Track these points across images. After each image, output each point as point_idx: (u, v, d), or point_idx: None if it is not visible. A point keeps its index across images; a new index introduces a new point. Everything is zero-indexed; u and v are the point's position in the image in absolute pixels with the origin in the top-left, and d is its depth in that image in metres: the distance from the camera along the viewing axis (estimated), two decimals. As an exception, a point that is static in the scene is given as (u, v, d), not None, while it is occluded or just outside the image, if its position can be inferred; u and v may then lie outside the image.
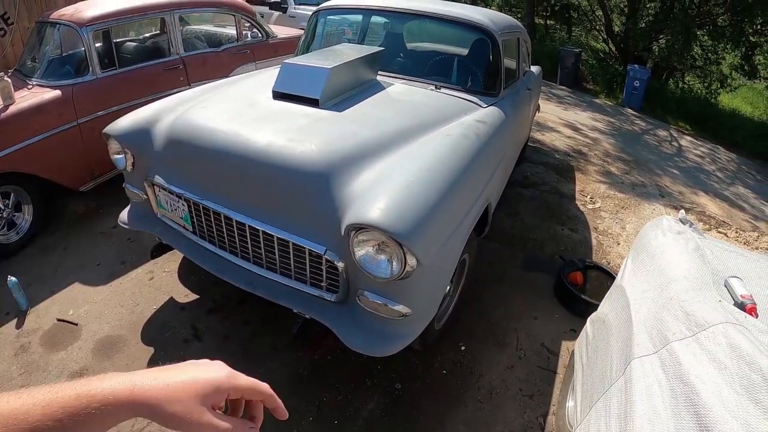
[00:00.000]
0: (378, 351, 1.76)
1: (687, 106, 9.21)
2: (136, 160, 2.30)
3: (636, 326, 1.52)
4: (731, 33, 9.18)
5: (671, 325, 1.37)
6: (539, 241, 3.68)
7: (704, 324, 1.28)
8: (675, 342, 1.30)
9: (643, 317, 1.54)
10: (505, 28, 3.12)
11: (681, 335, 1.31)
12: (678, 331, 1.33)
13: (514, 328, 2.71)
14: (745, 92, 13.05)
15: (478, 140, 2.21)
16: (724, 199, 5.39)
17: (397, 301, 1.71)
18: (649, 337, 1.42)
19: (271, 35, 4.58)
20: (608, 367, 1.59)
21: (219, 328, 2.48)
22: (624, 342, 1.55)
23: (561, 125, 6.96)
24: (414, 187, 1.69)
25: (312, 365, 2.31)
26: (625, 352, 1.49)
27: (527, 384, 2.36)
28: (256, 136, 1.91)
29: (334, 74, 2.26)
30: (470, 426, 2.10)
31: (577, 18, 13.01)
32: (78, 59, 3.21)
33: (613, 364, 1.56)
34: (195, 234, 2.22)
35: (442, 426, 2.09)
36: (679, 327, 1.34)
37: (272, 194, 1.84)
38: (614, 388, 1.45)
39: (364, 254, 1.62)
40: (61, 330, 2.45)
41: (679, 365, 1.22)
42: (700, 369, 1.16)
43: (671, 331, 1.35)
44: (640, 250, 2.04)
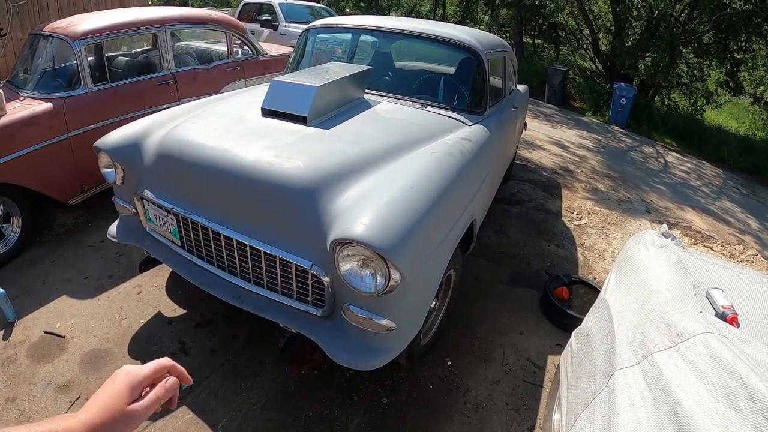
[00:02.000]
0: (363, 365, 1.78)
1: (673, 123, 9.39)
2: (126, 174, 2.33)
3: (619, 338, 1.54)
4: (716, 50, 9.43)
5: (653, 337, 1.39)
6: (526, 257, 3.73)
7: (685, 334, 1.30)
8: (657, 353, 1.32)
9: (625, 329, 1.56)
10: (491, 48, 3.20)
11: (663, 346, 1.33)
12: (660, 342, 1.35)
13: (500, 343, 2.73)
14: (730, 108, 13.33)
15: (462, 157, 2.26)
16: (710, 214, 5.48)
17: (382, 315, 1.73)
18: (632, 349, 1.44)
19: (262, 53, 4.65)
20: (592, 380, 1.61)
21: (206, 342, 2.49)
22: (607, 354, 1.57)
23: (548, 143, 7.07)
24: (398, 203, 1.73)
25: (299, 380, 2.31)
26: (608, 364, 1.51)
27: (513, 398, 2.38)
28: (244, 152, 1.95)
29: (322, 92, 2.31)
30: (457, 440, 2.12)
31: (565, 37, 13.30)
32: (70, 72, 3.24)
33: (596, 376, 1.58)
34: (183, 248, 2.24)
35: (428, 440, 2.10)
36: (660, 338, 1.37)
37: (259, 210, 1.87)
38: (598, 399, 1.47)
39: (349, 269, 1.66)
40: (48, 342, 2.45)
41: (661, 375, 1.24)
42: (682, 379, 1.18)
43: (653, 342, 1.37)
44: (624, 264, 2.06)
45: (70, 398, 2.14)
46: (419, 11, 17.87)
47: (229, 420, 2.08)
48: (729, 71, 9.96)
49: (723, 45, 9.38)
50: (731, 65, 9.82)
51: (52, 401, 2.13)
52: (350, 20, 3.37)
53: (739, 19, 8.70)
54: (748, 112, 13.63)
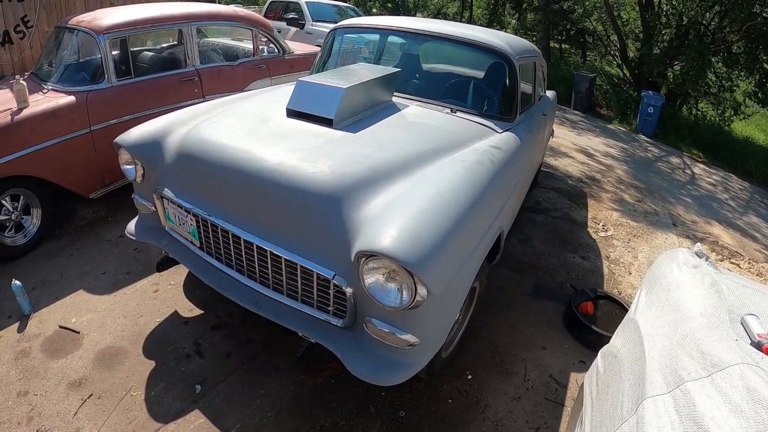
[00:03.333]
0: (383, 380, 1.71)
1: (700, 134, 9.14)
2: (146, 172, 2.29)
3: (649, 363, 1.47)
4: (745, 60, 9.14)
5: (686, 364, 1.34)
6: (550, 268, 3.62)
7: (720, 364, 1.25)
8: (690, 382, 1.27)
9: (657, 354, 1.49)
10: (523, 52, 3.10)
11: (696, 375, 1.28)
12: (693, 370, 1.30)
13: (522, 357, 2.65)
14: (758, 120, 12.95)
15: (492, 167, 2.17)
16: (737, 229, 5.29)
17: (405, 330, 1.66)
18: (663, 376, 1.38)
19: (288, 51, 4.60)
20: (619, 405, 1.53)
21: (222, 345, 2.44)
22: (636, 379, 1.50)
23: (574, 151, 6.92)
24: (426, 215, 1.65)
25: (314, 388, 2.25)
26: (638, 390, 1.44)
27: (534, 416, 2.29)
28: (267, 154, 1.89)
29: (349, 94, 2.24)
30: (475, 460, 2.03)
31: (592, 43, 13.04)
32: (94, 66, 3.23)
33: (624, 401, 1.50)
34: (202, 250, 2.19)
35: (446, 459, 2.02)
36: (694, 366, 1.31)
37: (281, 214, 1.81)
38: (625, 426, 1.39)
39: (373, 282, 1.58)
40: (63, 337, 2.42)
41: (693, 407, 1.19)
42: (715, 412, 1.13)
43: (686, 370, 1.32)
44: (654, 283, 1.99)
45: (82, 395, 2.12)
46: (446, 12, 17.74)
47: (242, 426, 2.03)
48: (758, 82, 9.64)
49: (753, 55, 9.06)
50: (761, 76, 9.50)
51: (64, 397, 2.10)
52: (378, 21, 3.30)
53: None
54: None
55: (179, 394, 2.16)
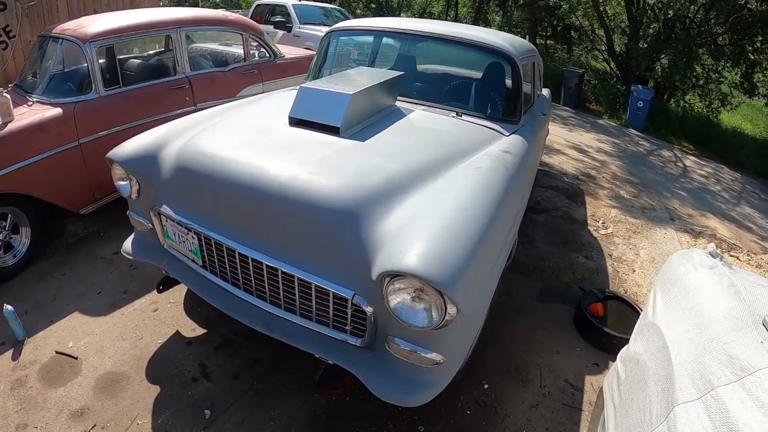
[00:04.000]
0: (408, 401, 1.63)
1: (689, 126, 9.23)
2: (142, 188, 2.16)
3: (677, 369, 1.45)
4: (731, 51, 9.25)
5: (715, 369, 1.33)
6: (555, 269, 3.58)
7: (749, 368, 1.25)
8: (720, 387, 1.26)
9: (684, 360, 1.47)
10: (524, 52, 3.05)
11: (726, 380, 1.27)
12: (722, 375, 1.29)
13: (536, 363, 2.60)
14: (744, 110, 13.13)
15: (506, 172, 2.10)
16: (732, 221, 5.33)
17: (430, 348, 1.58)
18: (692, 382, 1.36)
19: (279, 55, 4.48)
20: (647, 411, 1.50)
21: (228, 365, 2.34)
22: (664, 385, 1.47)
23: (567, 147, 6.91)
24: (452, 231, 1.57)
25: (329, 407, 2.17)
26: (667, 396, 1.41)
27: (553, 423, 2.25)
28: (276, 168, 1.79)
29: (355, 100, 2.15)
30: (499, 474, 1.97)
31: (578, 38, 13.09)
32: (80, 76, 3.09)
33: (652, 408, 1.47)
34: (205, 269, 2.08)
35: (470, 474, 1.95)
36: (723, 371, 1.30)
37: (293, 232, 1.71)
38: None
39: (399, 303, 1.50)
40: (60, 363, 2.30)
41: (726, 412, 1.18)
42: (748, 416, 1.13)
43: (715, 375, 1.31)
44: (671, 286, 1.96)
45: (85, 427, 2.00)
46: (431, 12, 17.69)
47: (256, 454, 1.93)
48: (744, 73, 9.79)
49: (739, 46, 9.21)
50: (747, 66, 9.65)
51: (66, 429, 1.99)
52: (375, 22, 3.21)
53: (756, 20, 8.52)
54: (762, 113, 13.43)
55: (188, 420, 2.05)
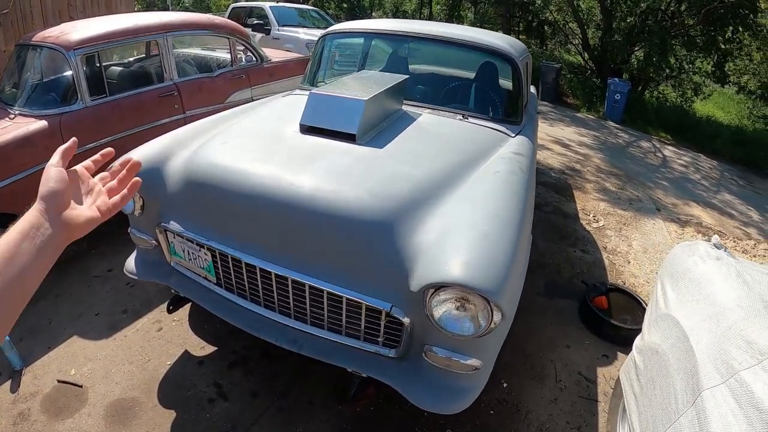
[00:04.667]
0: (451, 408, 1.61)
1: (666, 117, 9.48)
2: (146, 204, 2.05)
3: (699, 357, 1.52)
4: (704, 42, 9.56)
5: (735, 355, 1.40)
6: (556, 265, 3.62)
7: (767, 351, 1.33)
8: (743, 371, 1.33)
9: (704, 348, 1.54)
10: (522, 52, 3.06)
11: (747, 364, 1.34)
12: (743, 360, 1.37)
13: (549, 358, 2.64)
14: (716, 98, 13.62)
15: (523, 175, 2.10)
16: (714, 208, 5.51)
17: (469, 354, 1.56)
18: (715, 368, 1.44)
19: (266, 59, 4.37)
20: (672, 399, 1.57)
21: (245, 383, 2.25)
22: (688, 373, 1.55)
23: (550, 142, 7.01)
24: (490, 238, 1.55)
25: (354, 418, 2.12)
26: (692, 383, 1.49)
27: (572, 416, 2.29)
28: (299, 179, 1.72)
29: (369, 106, 2.10)
30: (531, 469, 1.98)
31: (552, 33, 13.30)
32: (65, 86, 2.92)
33: (677, 395, 1.54)
34: (220, 286, 1.99)
35: (504, 473, 1.95)
36: (743, 356, 1.38)
37: (322, 245, 1.65)
38: (684, 419, 1.45)
39: (444, 313, 1.47)
40: (64, 393, 2.17)
41: (751, 394, 1.25)
42: None
43: (736, 360, 1.38)
44: (680, 278, 2.04)
45: None
46: (404, 11, 17.68)
47: (287, 473, 1.87)
48: (716, 62, 10.14)
49: (710, 37, 9.53)
50: (718, 56, 10.00)
51: (79, 463, 1.88)
52: (371, 24, 3.17)
53: (727, 12, 8.83)
54: (733, 101, 13.94)
55: None
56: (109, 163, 0.78)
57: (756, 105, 12.12)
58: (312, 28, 8.36)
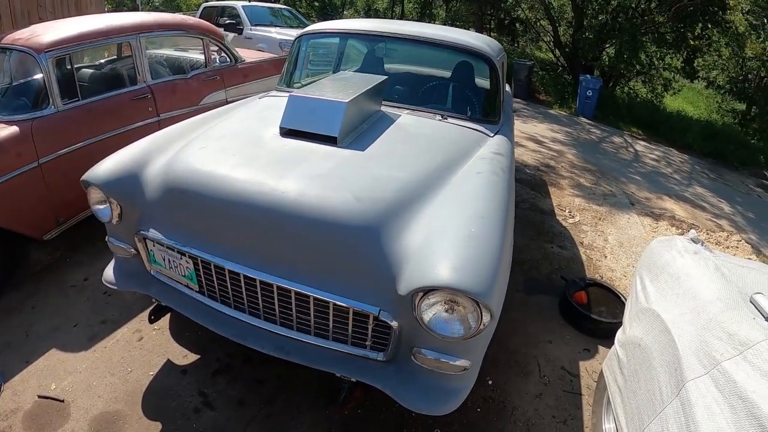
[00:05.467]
0: (442, 409, 1.63)
1: (637, 112, 9.70)
2: (124, 211, 2.00)
3: (682, 349, 1.57)
4: (673, 39, 9.80)
5: (717, 346, 1.45)
6: (534, 261, 3.68)
7: (748, 342, 1.37)
8: (725, 362, 1.38)
9: (686, 340, 1.59)
10: (499, 52, 3.10)
11: (729, 355, 1.39)
12: (724, 351, 1.41)
13: (533, 354, 2.68)
14: (686, 93, 14.01)
15: (504, 175, 2.13)
16: (686, 201, 5.67)
17: (458, 355, 1.59)
18: (698, 359, 1.48)
19: (240, 59, 4.31)
20: (656, 391, 1.62)
21: (230, 391, 2.23)
22: (671, 365, 1.59)
23: (524, 139, 7.11)
24: (477, 240, 1.57)
25: (342, 422, 2.12)
26: (675, 375, 1.54)
27: (558, 410, 2.35)
28: (283, 184, 1.71)
29: (350, 108, 2.09)
30: (520, 466, 2.02)
31: (523, 30, 13.48)
32: (36, 90, 2.82)
33: (661, 387, 1.59)
34: (203, 294, 1.97)
35: (493, 470, 1.98)
36: (724, 347, 1.42)
37: (308, 251, 1.65)
38: (669, 410, 1.49)
39: (434, 316, 1.48)
40: (46, 409, 2.10)
41: (734, 383, 1.30)
42: (756, 384, 1.25)
43: (718, 351, 1.42)
44: (659, 273, 2.10)
45: None
46: (377, 9, 17.66)
47: (278, 481, 1.86)
48: (686, 58, 10.41)
49: (680, 34, 9.78)
50: (688, 53, 10.27)
51: (64, 481, 1.83)
52: (348, 24, 3.16)
53: (696, 9, 9.07)
54: (702, 95, 14.37)
55: None
56: None
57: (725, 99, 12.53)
58: (285, 27, 8.28)
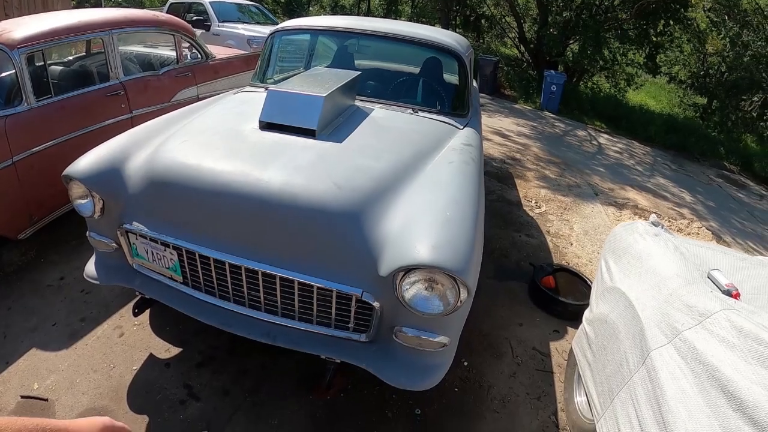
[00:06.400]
0: (423, 384, 1.74)
1: (600, 106, 10.01)
2: (106, 205, 2.02)
3: (645, 322, 1.70)
4: (636, 35, 10.12)
5: (677, 317, 1.58)
6: (503, 249, 3.83)
7: (706, 312, 1.49)
8: (685, 331, 1.50)
9: (649, 314, 1.73)
10: (467, 48, 3.22)
11: (689, 325, 1.51)
12: (685, 321, 1.54)
13: (505, 336, 2.83)
14: (648, 88, 14.46)
15: (474, 164, 2.26)
16: (648, 191, 5.94)
17: (438, 332, 1.69)
18: (660, 330, 1.61)
19: (211, 56, 4.31)
20: (623, 361, 1.76)
21: (215, 382, 2.27)
22: (636, 337, 1.73)
23: (490, 133, 7.29)
24: (453, 222, 1.69)
25: (326, 406, 2.20)
26: (640, 346, 1.67)
27: (531, 387, 2.49)
28: (267, 175, 1.78)
29: (327, 102, 2.17)
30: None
31: (489, 26, 13.74)
32: (7, 87, 2.78)
33: (628, 358, 1.73)
34: (187, 285, 2.01)
35: (471, 443, 2.11)
36: (684, 318, 1.55)
37: (292, 238, 1.72)
38: (636, 377, 1.63)
39: (414, 294, 1.59)
40: (29, 409, 2.09)
41: (695, 350, 1.42)
42: (715, 350, 1.37)
43: (679, 322, 1.55)
44: (622, 254, 2.25)
45: None
46: (343, 5, 17.66)
47: (267, 463, 1.93)
48: (648, 54, 10.76)
49: (643, 30, 10.11)
50: (650, 48, 10.62)
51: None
52: (322, 21, 3.22)
53: (658, 7, 9.41)
54: (665, 90, 14.90)
55: None
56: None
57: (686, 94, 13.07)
58: (252, 23, 8.23)
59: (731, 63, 10.51)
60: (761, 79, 10.01)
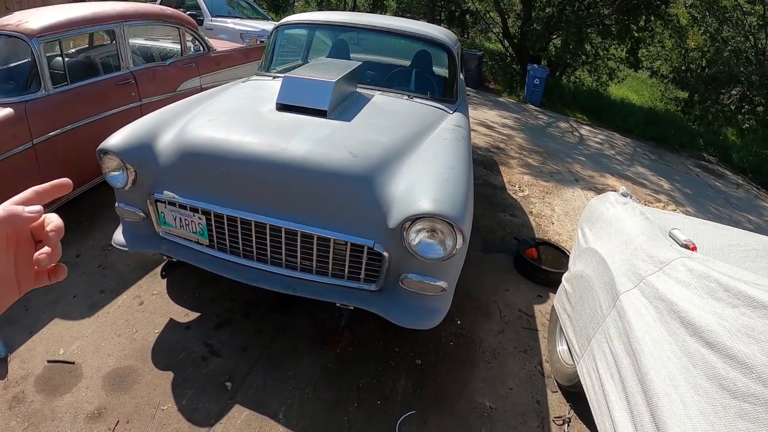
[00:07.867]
0: (427, 324, 2.02)
1: (582, 99, 10.34)
2: (138, 177, 2.22)
3: (615, 272, 2.01)
4: (618, 30, 10.43)
5: (641, 266, 1.85)
6: (489, 227, 4.12)
7: (666, 260, 1.76)
8: (648, 276, 1.77)
9: (618, 264, 2.03)
10: (455, 42, 3.51)
11: (651, 271, 1.79)
12: (647, 269, 1.81)
13: (493, 300, 3.13)
14: (630, 82, 14.86)
15: (464, 141, 2.56)
16: (627, 179, 6.27)
17: (438, 276, 1.97)
18: (627, 278, 1.91)
19: (212, 49, 4.51)
20: (597, 308, 2.05)
21: (233, 341, 2.49)
22: (607, 285, 2.03)
23: (475, 124, 7.56)
24: (450, 182, 1.98)
25: (337, 359, 2.44)
26: (611, 291, 1.97)
27: (518, 342, 2.78)
28: (292, 145, 2.03)
29: (337, 87, 2.44)
30: (488, 382, 2.45)
31: (473, 21, 14.04)
32: (26, 74, 2.94)
33: (601, 304, 2.03)
34: (212, 248, 2.23)
35: (466, 387, 2.40)
36: (647, 266, 1.82)
37: (314, 199, 1.98)
38: (609, 319, 1.92)
39: (419, 240, 1.86)
40: (57, 372, 2.21)
41: (656, 291, 1.69)
42: (673, 290, 1.63)
43: (643, 270, 1.83)
44: (595, 221, 2.57)
45: (108, 425, 1.99)
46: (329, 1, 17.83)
47: (287, 407, 2.15)
48: (630, 49, 11.08)
49: (624, 26, 10.42)
50: (632, 44, 10.93)
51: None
52: (325, 16, 3.49)
53: (640, 2, 9.74)
54: (647, 84, 15.29)
55: (212, 395, 2.17)
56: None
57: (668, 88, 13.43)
58: (243, 18, 8.39)
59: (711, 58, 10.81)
60: (739, 73, 10.34)
